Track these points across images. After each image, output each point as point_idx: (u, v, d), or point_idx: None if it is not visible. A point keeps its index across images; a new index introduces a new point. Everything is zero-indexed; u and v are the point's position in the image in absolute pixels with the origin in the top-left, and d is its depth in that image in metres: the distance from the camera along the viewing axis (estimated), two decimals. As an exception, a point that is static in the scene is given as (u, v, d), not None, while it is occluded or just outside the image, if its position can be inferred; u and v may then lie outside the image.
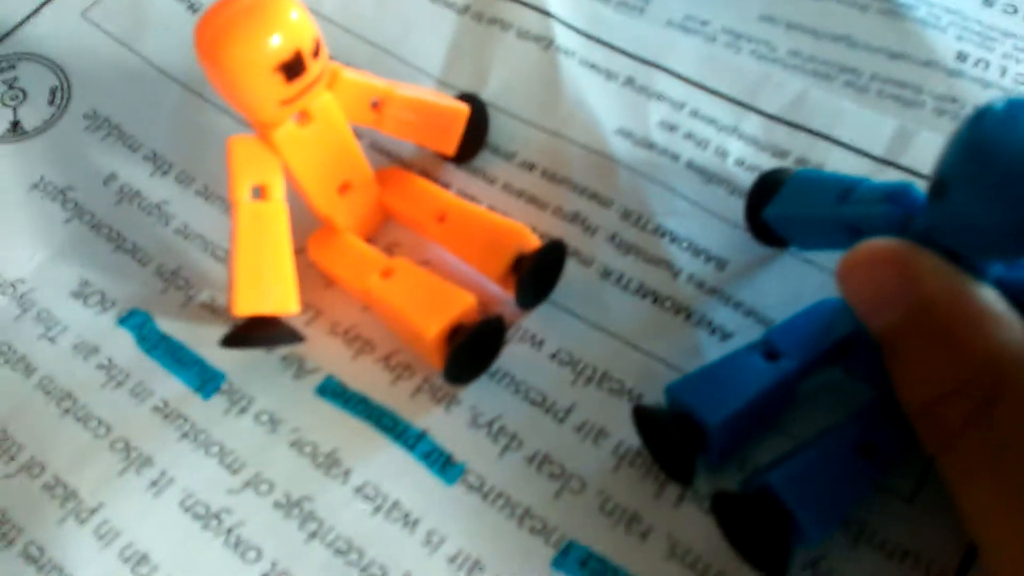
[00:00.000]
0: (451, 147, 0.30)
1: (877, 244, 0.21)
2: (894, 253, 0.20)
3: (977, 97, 0.31)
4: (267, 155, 0.26)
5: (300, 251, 0.28)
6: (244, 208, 0.26)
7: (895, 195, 0.22)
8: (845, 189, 0.24)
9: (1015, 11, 0.33)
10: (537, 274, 0.27)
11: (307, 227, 0.28)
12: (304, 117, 0.26)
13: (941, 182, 0.19)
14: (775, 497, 0.21)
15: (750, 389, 0.23)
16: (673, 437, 0.23)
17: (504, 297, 0.28)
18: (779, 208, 0.26)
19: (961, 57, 0.32)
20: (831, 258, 0.27)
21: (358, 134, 0.28)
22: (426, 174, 0.31)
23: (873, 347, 0.21)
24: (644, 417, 0.25)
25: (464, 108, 0.30)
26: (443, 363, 0.26)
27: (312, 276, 0.29)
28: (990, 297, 0.19)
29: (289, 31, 0.23)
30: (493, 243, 0.27)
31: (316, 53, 0.24)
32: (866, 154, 0.30)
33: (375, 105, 0.28)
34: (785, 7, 0.34)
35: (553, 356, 0.27)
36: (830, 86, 0.32)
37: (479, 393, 0.27)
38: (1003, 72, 0.31)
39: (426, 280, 0.27)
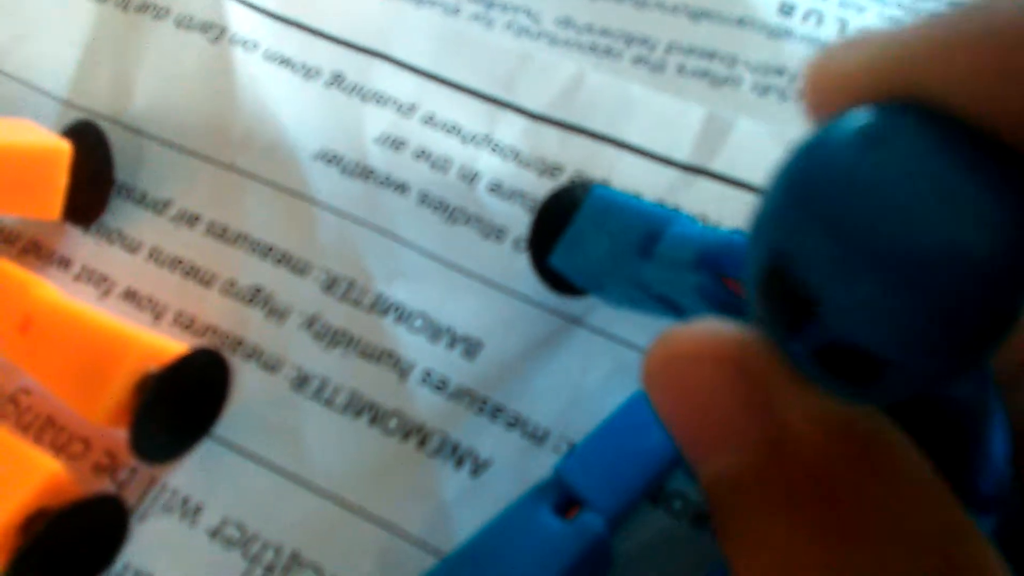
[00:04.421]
0: (52, 209, 0.20)
1: (699, 332, 0.11)
2: (729, 350, 0.11)
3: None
4: None
5: None
6: None
7: (710, 259, 0.13)
8: (650, 237, 0.15)
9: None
10: (172, 404, 0.17)
11: None
12: None
13: (797, 293, 0.09)
14: None
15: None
16: None
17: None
18: (568, 256, 0.17)
19: (785, 9, 0.23)
20: (634, 327, 0.18)
21: None
22: (37, 247, 0.20)
23: None
24: None
25: (61, 147, 0.19)
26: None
27: None
28: (901, 441, 0.10)
29: None
30: (94, 368, 0.17)
31: None
32: (667, 160, 0.21)
33: None
34: (549, -41, 0.24)
35: (215, 533, 0.17)
36: (615, 65, 0.23)
37: (92, 614, 0.16)
38: (842, 27, 0.23)
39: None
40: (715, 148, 0.21)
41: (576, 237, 0.17)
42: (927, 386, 0.09)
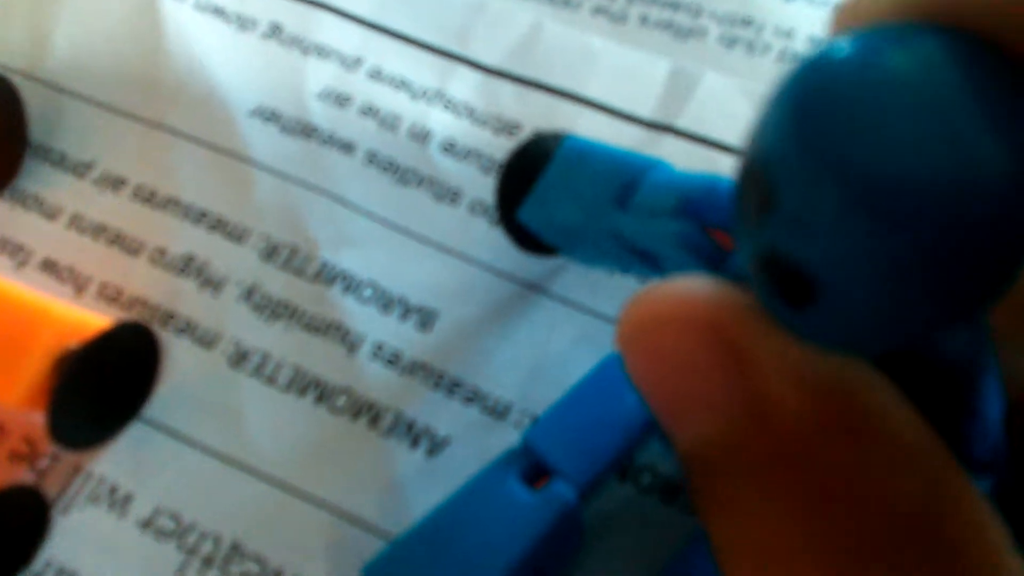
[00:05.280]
0: (-46, 168, 0.18)
1: (673, 291, 0.10)
2: (703, 309, 0.10)
3: (775, 14, 0.21)
4: None
5: None
6: None
7: (691, 205, 0.12)
8: (626, 187, 0.14)
9: None
10: (85, 387, 0.15)
11: None
12: None
13: (764, 194, 0.08)
14: None
15: (503, 555, 0.13)
16: None
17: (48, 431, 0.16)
18: (538, 210, 0.16)
19: (751, -41, 0.22)
20: (600, 295, 0.17)
21: None
22: (-59, 213, 0.19)
23: None
24: None
25: (-36, 99, 0.18)
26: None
27: None
28: (887, 400, 0.09)
29: None
30: (2, 343, 0.15)
31: None
32: (631, 117, 0.20)
33: None
34: (502, -96, 0.23)
35: (147, 524, 0.16)
36: (574, 16, 0.21)
37: (9, 618, 0.15)
38: (810, -23, 0.22)
39: None
40: (681, 104, 0.20)
41: (547, 189, 0.15)
42: (880, 336, 0.08)
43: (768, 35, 0.21)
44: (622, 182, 0.14)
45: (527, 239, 0.17)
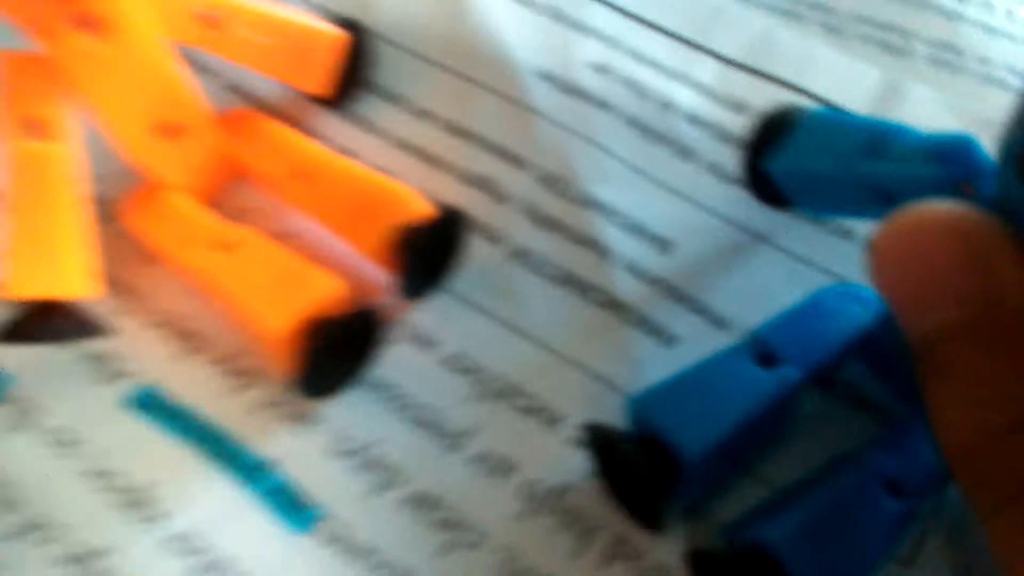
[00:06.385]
0: (320, 83, 0.23)
1: (932, 210, 0.14)
2: (958, 223, 0.13)
3: (978, 45, 0.25)
4: (45, 78, 0.18)
5: (111, 214, 0.20)
6: (16, 150, 0.18)
7: (948, 153, 0.16)
8: (876, 140, 0.18)
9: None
10: (427, 252, 0.21)
11: (125, 182, 0.21)
12: (97, 26, 0.18)
13: None
14: (776, 559, 0.16)
15: (742, 407, 0.17)
16: (640, 471, 0.17)
17: (386, 283, 0.21)
18: (786, 160, 0.20)
19: (960, -3, 0.26)
20: (813, 248, 0.21)
21: (201, 62, 0.20)
22: (291, 121, 0.24)
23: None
24: (601, 443, 0.18)
25: (338, 34, 0.23)
26: (297, 369, 0.19)
27: (127, 248, 0.22)
28: None
29: None
30: (368, 209, 0.21)
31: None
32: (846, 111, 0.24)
33: (209, 19, 0.20)
34: (747, -70, 0.27)
35: (447, 362, 0.21)
36: (801, 27, 0.26)
37: (346, 410, 0.20)
38: (1009, 16, 0.26)
39: (279, 258, 0.20)
40: (891, 108, 0.24)
41: (797, 142, 0.20)
42: None
43: (969, 61, 0.25)
44: (872, 135, 0.18)
45: (767, 188, 0.21)
